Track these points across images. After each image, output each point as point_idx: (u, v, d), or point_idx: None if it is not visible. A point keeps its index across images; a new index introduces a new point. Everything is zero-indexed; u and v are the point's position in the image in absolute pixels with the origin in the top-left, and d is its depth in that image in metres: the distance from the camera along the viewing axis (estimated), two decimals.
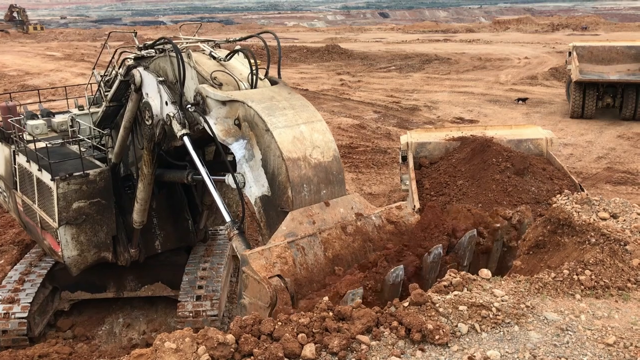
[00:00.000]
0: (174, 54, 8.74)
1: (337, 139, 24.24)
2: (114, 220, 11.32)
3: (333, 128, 26.08)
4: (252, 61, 8.62)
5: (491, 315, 5.72)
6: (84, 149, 11.77)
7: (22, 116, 12.68)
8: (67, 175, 10.50)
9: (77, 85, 18.03)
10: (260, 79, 8.78)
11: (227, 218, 8.01)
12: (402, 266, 6.71)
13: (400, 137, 15.56)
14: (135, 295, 12.56)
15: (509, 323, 5.69)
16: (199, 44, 9.43)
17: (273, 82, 8.88)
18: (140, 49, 9.81)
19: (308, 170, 7.57)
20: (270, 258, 6.73)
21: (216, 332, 5.19)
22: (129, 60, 9.97)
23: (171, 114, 8.82)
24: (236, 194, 13.42)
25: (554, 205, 8.42)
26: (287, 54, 50.18)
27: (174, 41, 8.91)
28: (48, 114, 13.13)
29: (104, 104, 11.23)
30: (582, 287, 6.50)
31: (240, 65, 9.10)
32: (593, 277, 6.63)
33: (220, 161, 9.67)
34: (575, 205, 8.26)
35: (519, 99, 30.83)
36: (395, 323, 5.41)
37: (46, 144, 11.09)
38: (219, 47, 9.57)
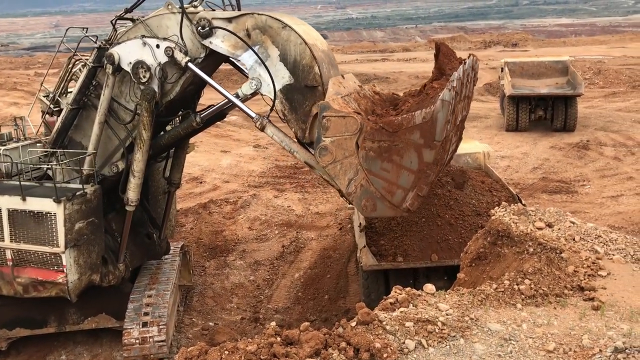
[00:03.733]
0: (145, 21, 10.03)
1: (282, 160, 24.27)
2: (103, 239, 11.09)
3: (278, 149, 26.08)
4: None
5: (437, 330, 5.82)
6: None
7: None
8: (72, 195, 10.24)
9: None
10: None
11: (252, 114, 9.61)
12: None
13: None
14: (79, 329, 12.07)
15: (454, 337, 5.80)
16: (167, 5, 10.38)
17: None
18: (128, 10, 10.65)
19: (320, 53, 9.42)
20: (340, 103, 8.68)
21: None
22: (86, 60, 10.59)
23: (172, 46, 9.77)
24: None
25: (492, 217, 8.68)
26: (229, 76, 50.03)
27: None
28: None
29: (63, 112, 11.01)
30: (523, 296, 6.71)
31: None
32: (532, 286, 6.86)
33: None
34: (513, 217, 8.54)
35: None
36: (343, 344, 5.43)
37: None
38: None
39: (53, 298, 11.19)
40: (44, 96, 11.74)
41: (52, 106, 11.35)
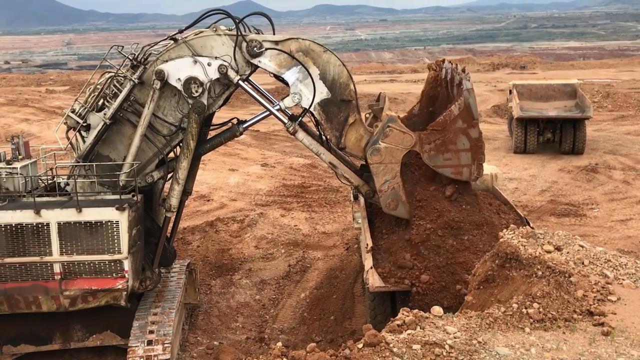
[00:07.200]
0: (189, 41, 10.87)
1: (289, 179, 24.29)
2: (143, 246, 11.49)
3: (285, 168, 26.16)
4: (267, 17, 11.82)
5: (444, 353, 5.76)
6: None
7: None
8: (134, 203, 10.72)
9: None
10: None
11: (285, 120, 11.27)
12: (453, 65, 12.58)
13: None
14: (83, 346, 12.04)
15: None
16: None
17: None
18: (181, 31, 11.43)
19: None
20: (399, 123, 11.09)
21: None
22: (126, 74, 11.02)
23: (225, 64, 10.83)
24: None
25: (501, 240, 8.62)
26: (237, 95, 50.36)
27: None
28: None
29: (97, 127, 11.16)
30: (531, 320, 6.64)
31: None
32: (541, 309, 6.79)
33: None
34: (521, 239, 8.48)
35: None
36: None
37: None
38: None
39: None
40: (71, 112, 11.74)
41: (81, 121, 11.40)
